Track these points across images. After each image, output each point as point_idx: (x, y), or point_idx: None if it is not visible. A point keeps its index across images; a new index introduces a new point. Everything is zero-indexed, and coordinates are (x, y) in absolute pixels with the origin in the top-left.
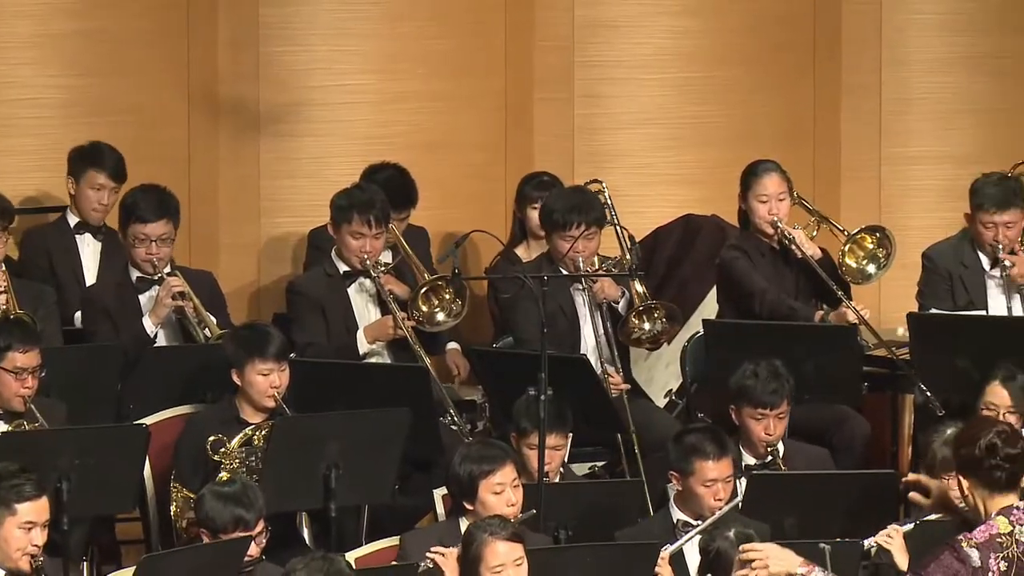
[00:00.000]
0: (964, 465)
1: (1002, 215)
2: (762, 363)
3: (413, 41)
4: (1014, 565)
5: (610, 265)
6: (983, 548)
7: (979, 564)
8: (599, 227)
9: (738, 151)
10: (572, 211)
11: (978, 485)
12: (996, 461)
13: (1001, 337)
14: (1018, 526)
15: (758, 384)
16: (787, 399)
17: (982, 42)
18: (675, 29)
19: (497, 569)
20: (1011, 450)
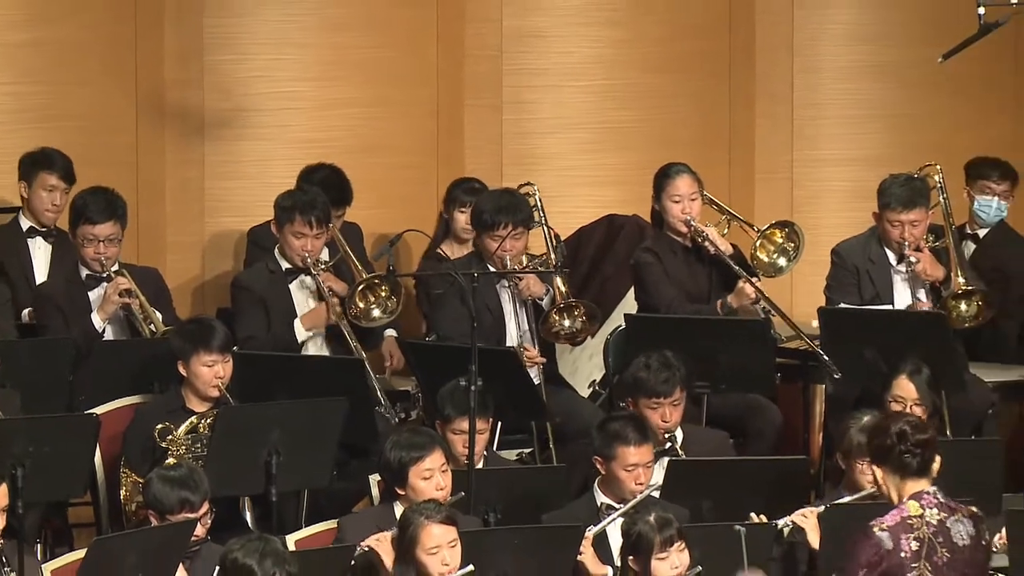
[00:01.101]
0: (877, 455)
1: (908, 214)
2: (654, 355)
3: (349, 51)
4: (925, 544)
5: (536, 264)
6: (893, 530)
7: (891, 546)
8: (526, 228)
9: (658, 154)
10: (501, 212)
11: (890, 473)
12: (907, 447)
13: (906, 330)
14: (928, 509)
15: (650, 375)
16: (680, 387)
17: (888, 51)
18: (598, 39)
19: (433, 551)
20: (921, 436)
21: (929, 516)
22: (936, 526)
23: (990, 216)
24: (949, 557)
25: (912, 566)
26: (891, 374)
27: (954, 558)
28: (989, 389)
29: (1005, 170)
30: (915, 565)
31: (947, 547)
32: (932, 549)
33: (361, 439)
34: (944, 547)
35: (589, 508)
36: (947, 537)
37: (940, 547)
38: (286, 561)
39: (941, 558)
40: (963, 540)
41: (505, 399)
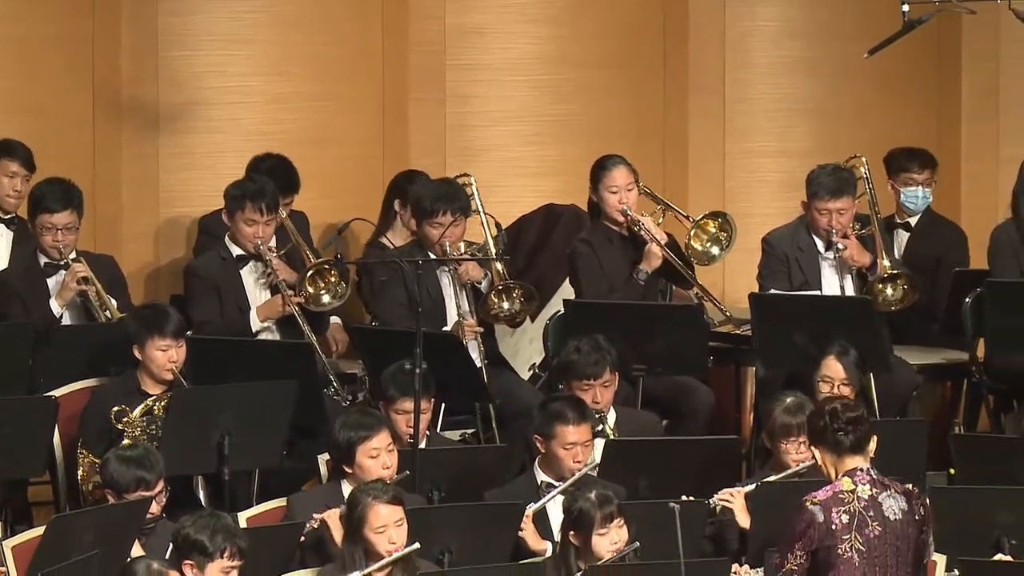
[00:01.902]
0: (813, 435)
1: (835, 202)
2: (584, 338)
3: (299, 46)
4: (855, 518)
5: (475, 250)
6: (825, 504)
7: (822, 519)
8: (464, 215)
9: (595, 147)
10: (439, 200)
11: (827, 452)
12: (839, 425)
13: (834, 314)
14: (860, 484)
15: (580, 358)
16: (610, 369)
17: (816, 47)
18: (537, 35)
19: (380, 530)
20: (851, 414)
21: (861, 491)
22: (867, 501)
23: (917, 206)
24: (880, 530)
25: (843, 538)
26: (819, 355)
27: (885, 531)
28: (914, 371)
29: (924, 159)
30: (846, 537)
31: (878, 521)
32: (863, 522)
33: (310, 420)
34: (875, 521)
35: (529, 486)
36: (878, 511)
37: (871, 520)
38: (236, 536)
39: (872, 531)
40: (895, 515)
41: (448, 381)
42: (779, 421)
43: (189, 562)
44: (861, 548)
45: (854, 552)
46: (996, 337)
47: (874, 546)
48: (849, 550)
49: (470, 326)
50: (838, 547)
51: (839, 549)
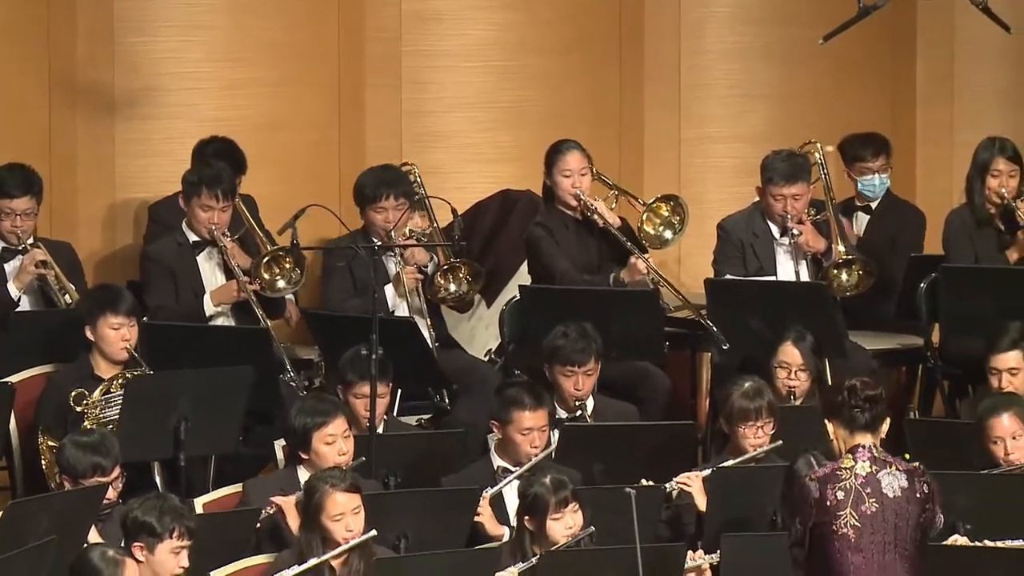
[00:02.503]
0: (829, 409)
1: (790, 188)
2: (572, 325)
3: (255, 32)
4: (851, 494)
5: (419, 235)
6: (822, 481)
7: (818, 495)
8: (407, 199)
9: (551, 133)
10: (381, 185)
11: (840, 426)
12: (856, 402)
13: (789, 300)
14: (860, 462)
15: (568, 344)
16: (595, 357)
17: (771, 33)
18: (494, 21)
19: (337, 517)
20: (870, 392)
21: (860, 468)
22: (865, 477)
23: (876, 192)
24: (878, 507)
25: (839, 514)
26: (776, 341)
27: (883, 508)
28: (869, 356)
29: (877, 146)
30: (841, 513)
31: (875, 498)
32: (859, 499)
33: (266, 406)
34: (872, 497)
35: (486, 471)
36: (876, 488)
37: (868, 497)
38: (184, 516)
39: (869, 508)
40: (894, 492)
41: (404, 367)
42: (737, 405)
43: (138, 544)
44: (857, 524)
45: (850, 528)
46: (951, 322)
47: (870, 523)
48: (845, 526)
49: (409, 272)
50: (833, 523)
51: (834, 525)
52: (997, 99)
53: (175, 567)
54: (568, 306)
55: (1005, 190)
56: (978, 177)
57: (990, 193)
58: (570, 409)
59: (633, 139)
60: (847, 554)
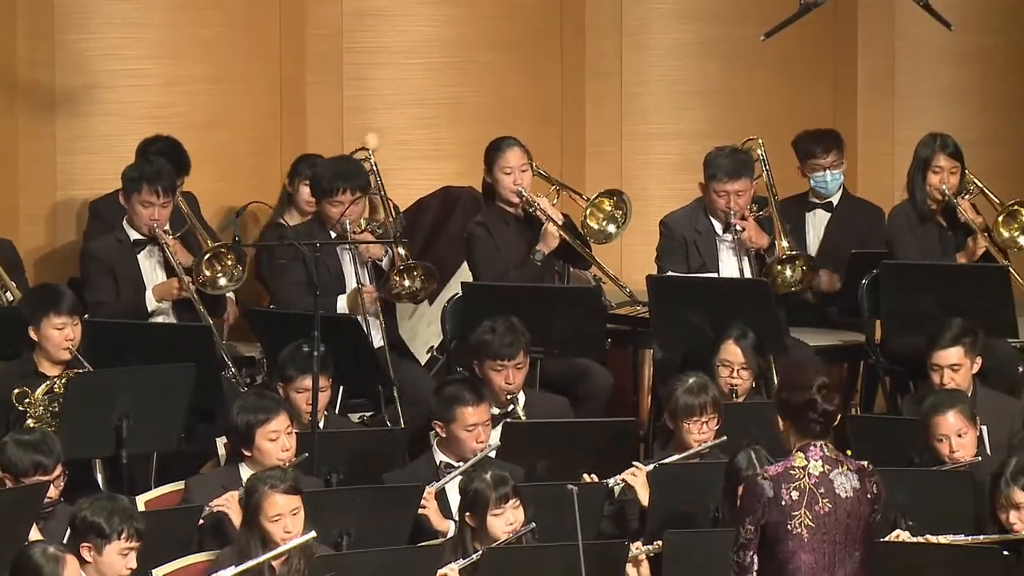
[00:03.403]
0: (784, 408)
1: (733, 184)
2: (499, 319)
3: (193, 29)
4: (805, 494)
5: (375, 227)
6: (775, 480)
7: (772, 495)
8: (364, 192)
9: (492, 129)
10: (338, 178)
11: (793, 429)
12: (815, 416)
13: (730, 297)
14: (812, 461)
15: (496, 338)
16: (523, 350)
17: (713, 30)
18: (435, 17)
19: (275, 518)
20: (828, 407)
21: (812, 468)
22: (818, 477)
23: (828, 189)
24: (831, 507)
25: (793, 514)
26: (718, 339)
27: (836, 509)
28: (813, 352)
29: (828, 142)
30: (795, 513)
31: (829, 498)
32: (813, 499)
33: (208, 403)
34: (825, 498)
35: (428, 467)
36: (829, 488)
37: (822, 497)
38: (133, 518)
39: (823, 508)
40: (846, 492)
41: (347, 364)
42: (682, 401)
43: (87, 544)
44: (811, 524)
45: (803, 528)
46: (893, 318)
47: (824, 523)
48: (799, 526)
49: (368, 291)
50: (787, 523)
51: (788, 525)
52: (938, 96)
53: (122, 568)
54: (510, 303)
55: (946, 186)
56: (919, 173)
57: (931, 189)
58: (502, 404)
59: (575, 136)
60: (799, 553)
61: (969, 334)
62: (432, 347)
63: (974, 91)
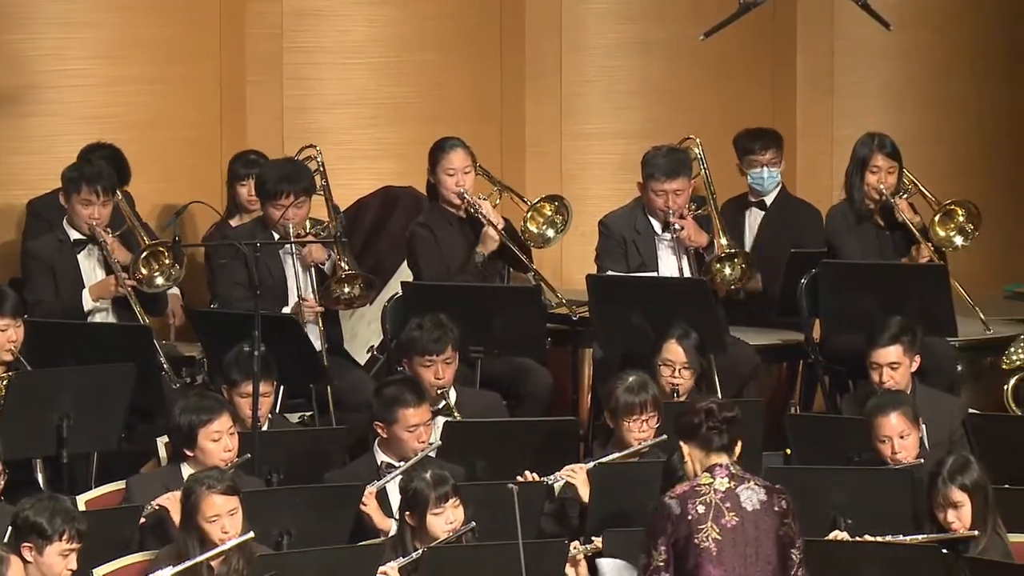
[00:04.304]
0: (683, 431)
1: (672, 183)
2: (426, 316)
3: (134, 29)
4: (711, 508)
5: (319, 230)
6: (682, 498)
7: (679, 512)
8: (308, 195)
9: (433, 129)
10: (282, 181)
11: (696, 448)
12: (713, 424)
13: (670, 296)
14: (719, 478)
15: (424, 334)
16: (451, 346)
17: (652, 30)
18: (375, 17)
19: (213, 519)
20: (727, 414)
21: (718, 484)
22: (724, 492)
23: (765, 186)
24: (737, 521)
25: (699, 528)
26: (660, 338)
27: (743, 522)
28: (753, 352)
29: (767, 140)
30: (702, 527)
31: (735, 511)
32: (719, 513)
33: (149, 403)
34: (732, 511)
35: (369, 467)
36: (735, 502)
37: (728, 511)
38: (75, 519)
39: (729, 521)
40: (752, 505)
41: (287, 364)
42: (622, 400)
43: (27, 544)
44: (718, 538)
45: (711, 542)
46: (831, 318)
47: (731, 536)
48: (706, 539)
49: (309, 305)
50: (695, 537)
51: (696, 539)
52: (877, 95)
53: (63, 569)
54: (449, 303)
55: (884, 186)
56: (857, 173)
57: (869, 189)
58: (433, 400)
59: (514, 135)
60: (708, 567)
61: (908, 332)
62: (372, 347)
63: (913, 91)
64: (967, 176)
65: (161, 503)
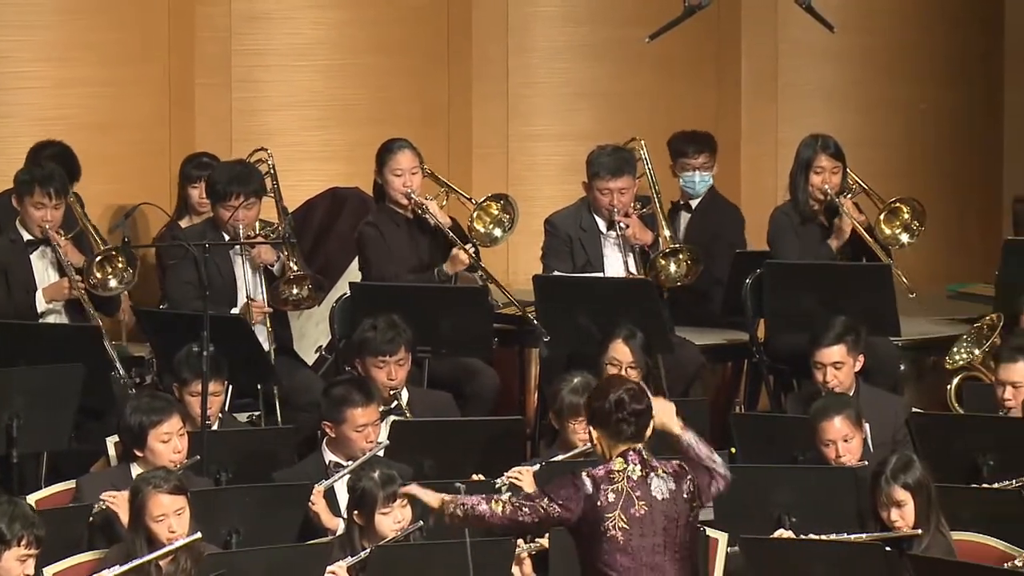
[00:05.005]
0: (594, 417)
1: (616, 182)
2: (380, 317)
3: (84, 32)
4: (622, 497)
5: (269, 231)
6: (597, 480)
7: (590, 491)
8: (258, 197)
9: (381, 131)
10: (232, 182)
11: (605, 436)
12: (623, 415)
13: (615, 296)
14: (632, 464)
15: (377, 335)
16: (405, 347)
17: (598, 32)
18: (323, 20)
19: (160, 519)
20: (637, 406)
21: (632, 471)
22: (636, 481)
23: (696, 189)
24: (647, 510)
25: (607, 516)
26: (606, 338)
27: (652, 511)
28: (698, 351)
29: (700, 144)
30: (609, 516)
31: (645, 500)
32: (629, 502)
33: (98, 403)
34: (642, 500)
35: (317, 466)
36: (645, 491)
37: (638, 500)
38: (34, 525)
39: (639, 510)
40: (662, 494)
41: (235, 363)
42: (567, 401)
43: None
44: (626, 527)
45: (618, 531)
46: (776, 318)
47: (639, 525)
48: (613, 528)
49: (258, 307)
50: (602, 524)
51: (602, 526)
52: (821, 97)
53: (20, 574)
54: (397, 303)
55: (828, 186)
56: (801, 174)
57: (813, 190)
58: (385, 401)
59: (461, 137)
60: (616, 556)
61: (852, 332)
62: (320, 346)
63: (856, 93)
64: (910, 177)
65: (108, 501)
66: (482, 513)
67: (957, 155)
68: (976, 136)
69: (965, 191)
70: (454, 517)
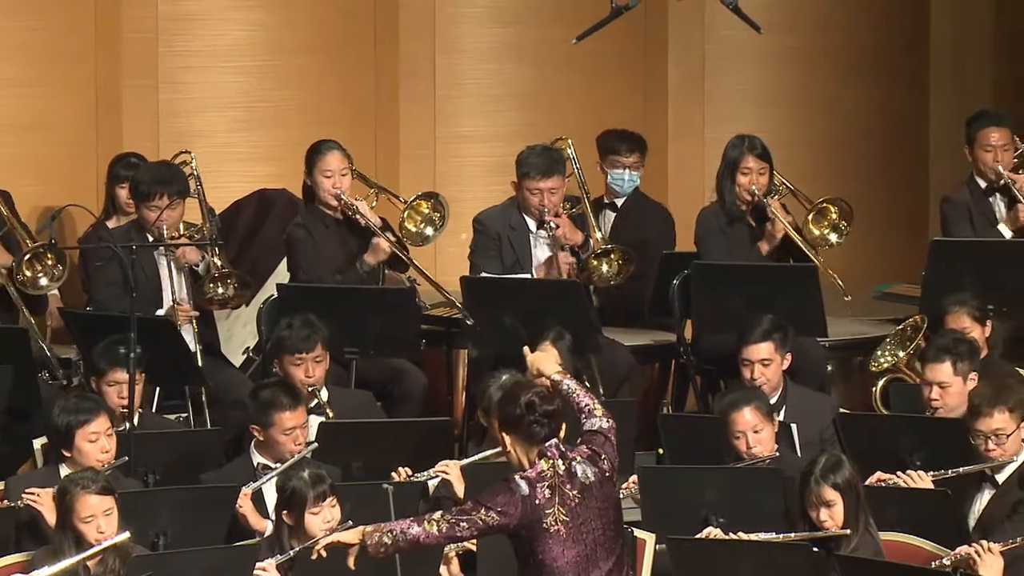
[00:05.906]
0: (506, 422)
1: (546, 182)
2: (295, 316)
3: (9, 32)
4: (556, 491)
5: (193, 232)
6: (531, 480)
7: (527, 492)
8: (182, 198)
9: (309, 132)
10: (156, 183)
11: (519, 440)
12: (535, 417)
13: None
14: (555, 460)
15: (292, 333)
16: (321, 344)
17: (525, 33)
18: (250, 21)
19: (88, 519)
20: (548, 407)
21: (557, 466)
22: (564, 473)
23: (623, 188)
24: (580, 498)
25: (547, 512)
26: (534, 340)
27: (585, 497)
28: (628, 352)
29: (632, 143)
30: (549, 511)
31: (576, 488)
32: (563, 493)
33: (25, 404)
34: (573, 489)
35: (245, 468)
36: (574, 480)
37: (570, 490)
38: None
39: (573, 500)
40: (588, 478)
41: (163, 365)
42: (495, 398)
43: None
44: (566, 519)
45: (560, 524)
46: (703, 318)
47: (577, 513)
48: (555, 523)
49: (184, 310)
50: (543, 521)
51: (544, 523)
52: (748, 98)
53: None
54: (325, 304)
55: (755, 187)
56: (728, 175)
57: (740, 190)
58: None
59: (389, 138)
60: (560, 548)
61: (779, 330)
62: (248, 348)
63: (783, 93)
64: (839, 178)
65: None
66: (415, 536)
67: (884, 155)
68: (902, 136)
69: (892, 191)
70: (381, 546)
